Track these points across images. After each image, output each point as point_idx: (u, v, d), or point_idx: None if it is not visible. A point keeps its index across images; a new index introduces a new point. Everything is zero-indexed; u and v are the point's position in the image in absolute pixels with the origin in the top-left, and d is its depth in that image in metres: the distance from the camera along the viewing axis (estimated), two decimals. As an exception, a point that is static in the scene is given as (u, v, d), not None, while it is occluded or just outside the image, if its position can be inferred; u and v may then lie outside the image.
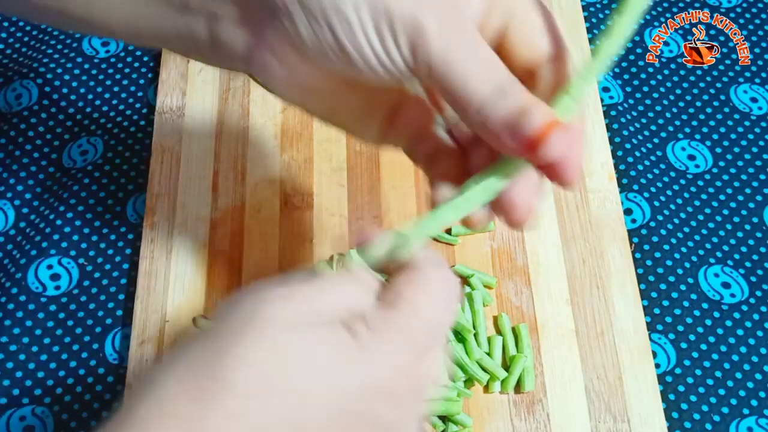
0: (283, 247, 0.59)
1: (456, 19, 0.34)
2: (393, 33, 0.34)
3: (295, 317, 0.31)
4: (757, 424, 0.54)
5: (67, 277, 0.59)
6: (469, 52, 0.34)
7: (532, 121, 0.33)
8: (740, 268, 0.60)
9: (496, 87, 0.34)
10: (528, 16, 0.36)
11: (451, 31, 0.34)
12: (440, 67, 0.34)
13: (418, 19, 0.33)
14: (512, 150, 0.34)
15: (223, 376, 0.29)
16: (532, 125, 0.33)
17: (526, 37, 0.36)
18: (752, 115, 0.67)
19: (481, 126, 0.34)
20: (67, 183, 0.63)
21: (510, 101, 0.33)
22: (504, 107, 0.33)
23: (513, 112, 0.33)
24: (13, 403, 0.55)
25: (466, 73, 0.33)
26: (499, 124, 0.33)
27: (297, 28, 0.35)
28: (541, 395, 0.54)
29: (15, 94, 0.67)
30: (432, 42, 0.33)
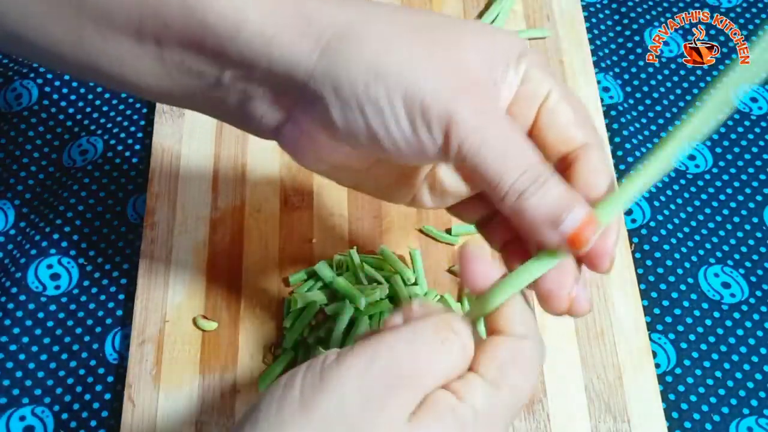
0: (283, 247, 0.59)
1: (490, 108, 0.35)
2: (427, 124, 0.34)
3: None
4: (757, 424, 0.54)
5: (67, 277, 0.59)
6: (503, 141, 0.34)
7: (572, 218, 0.33)
8: (740, 268, 0.60)
9: (533, 177, 0.34)
10: (558, 106, 0.36)
11: (485, 121, 0.34)
12: (473, 155, 0.34)
13: (452, 110, 0.34)
14: (548, 242, 0.34)
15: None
16: (573, 222, 0.33)
17: (557, 128, 0.36)
18: (752, 115, 0.67)
19: (517, 215, 0.34)
20: (67, 183, 0.63)
21: (549, 194, 0.33)
22: (543, 200, 0.33)
23: (552, 206, 0.33)
24: (13, 403, 0.55)
25: (500, 161, 0.34)
26: (538, 216, 0.34)
27: (330, 114, 0.35)
28: (541, 395, 0.54)
29: (15, 94, 0.67)
30: (466, 132, 0.34)
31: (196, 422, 0.53)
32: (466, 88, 0.34)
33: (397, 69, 0.34)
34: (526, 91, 0.36)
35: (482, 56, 0.35)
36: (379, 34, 0.35)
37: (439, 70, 0.34)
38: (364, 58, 0.34)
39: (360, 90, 0.34)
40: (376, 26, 0.35)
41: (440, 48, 0.35)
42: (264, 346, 0.56)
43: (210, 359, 0.55)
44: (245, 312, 0.57)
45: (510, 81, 0.36)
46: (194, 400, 0.54)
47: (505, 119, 0.35)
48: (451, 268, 0.58)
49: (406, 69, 0.34)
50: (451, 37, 0.36)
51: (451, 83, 0.34)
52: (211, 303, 0.57)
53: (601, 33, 0.71)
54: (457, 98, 0.34)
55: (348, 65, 0.34)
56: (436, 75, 0.34)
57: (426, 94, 0.34)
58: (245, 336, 0.56)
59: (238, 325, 0.56)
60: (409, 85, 0.34)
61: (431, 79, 0.34)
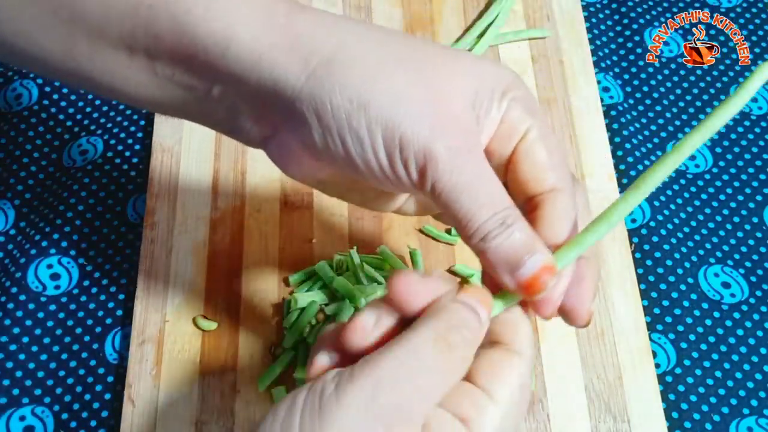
0: (283, 247, 0.59)
1: (466, 148, 0.35)
2: (404, 159, 0.35)
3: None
4: (757, 424, 0.54)
5: (67, 277, 0.59)
6: (476, 181, 0.35)
7: (530, 265, 0.34)
8: (740, 268, 0.60)
9: (499, 219, 0.34)
10: (534, 146, 0.37)
11: (460, 162, 0.34)
12: (446, 194, 0.34)
13: (430, 148, 0.34)
14: (505, 285, 0.35)
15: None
16: (530, 270, 0.34)
17: (529, 168, 0.37)
18: (752, 115, 0.67)
19: (480, 254, 0.35)
20: (67, 183, 0.63)
21: (511, 237, 0.34)
22: (504, 242, 0.34)
23: (512, 250, 0.34)
24: (13, 403, 0.55)
25: (471, 202, 0.34)
26: (498, 258, 0.34)
27: (311, 136, 0.36)
28: (541, 395, 0.54)
29: (15, 94, 0.67)
30: (441, 172, 0.34)
31: (196, 422, 0.53)
32: (446, 125, 0.35)
33: (379, 101, 0.34)
34: (506, 127, 0.37)
35: (467, 92, 0.36)
36: (365, 63, 0.35)
37: (421, 105, 0.35)
38: (348, 86, 0.35)
39: (342, 119, 0.35)
40: (364, 54, 0.35)
41: (425, 81, 0.35)
42: (264, 346, 0.56)
43: (210, 359, 0.55)
44: (245, 312, 0.57)
45: (492, 116, 0.37)
46: (194, 400, 0.54)
47: (479, 161, 0.35)
48: (451, 268, 0.58)
49: (389, 102, 0.35)
50: (437, 70, 0.36)
51: (431, 120, 0.35)
52: (211, 303, 0.57)
53: (601, 33, 0.71)
54: (435, 137, 0.34)
55: (332, 92, 0.35)
56: (417, 110, 0.35)
57: (405, 129, 0.34)
58: (245, 336, 0.56)
59: (238, 325, 0.56)
60: (389, 118, 0.34)
61: (412, 114, 0.34)
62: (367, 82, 0.35)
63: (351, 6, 0.69)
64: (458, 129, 0.35)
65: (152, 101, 0.39)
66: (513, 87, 0.37)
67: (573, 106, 0.65)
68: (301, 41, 0.35)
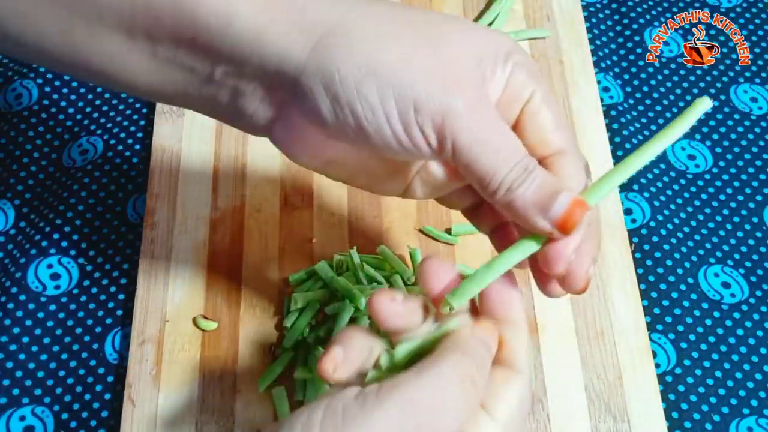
0: (283, 247, 0.59)
1: (481, 105, 0.35)
2: (419, 123, 0.34)
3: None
4: (757, 424, 0.54)
5: (67, 277, 0.59)
6: (494, 135, 0.35)
7: (560, 203, 0.34)
8: (740, 268, 0.60)
9: (521, 167, 0.34)
10: (540, 110, 0.37)
11: (478, 115, 0.34)
12: (468, 150, 0.34)
13: (445, 109, 0.34)
14: (540, 228, 0.35)
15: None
16: (561, 206, 0.34)
17: (536, 131, 0.37)
18: (752, 115, 0.67)
19: (507, 205, 0.35)
20: (67, 182, 0.63)
21: (536, 182, 0.34)
22: (531, 188, 0.34)
23: (540, 193, 0.34)
24: (13, 402, 0.55)
25: (493, 155, 0.34)
26: (528, 204, 0.34)
27: (320, 111, 0.35)
28: (541, 395, 0.54)
29: (15, 94, 0.67)
30: (459, 129, 0.34)
31: (196, 422, 0.53)
32: (458, 85, 0.34)
33: (389, 67, 0.34)
34: (511, 91, 0.37)
35: (472, 53, 0.36)
36: (371, 31, 0.35)
37: (431, 68, 0.34)
38: (356, 55, 0.34)
39: (351, 87, 0.34)
40: (369, 23, 0.35)
41: (431, 45, 0.35)
42: (264, 346, 0.56)
43: (210, 359, 0.55)
44: (245, 312, 0.57)
45: (497, 79, 0.36)
46: (194, 400, 0.54)
47: (495, 115, 0.35)
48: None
49: (399, 68, 0.34)
50: (442, 34, 0.36)
51: (442, 81, 0.34)
52: (211, 303, 0.57)
53: (601, 33, 0.71)
54: (449, 96, 0.34)
55: (340, 62, 0.34)
56: (427, 74, 0.34)
57: (419, 93, 0.34)
58: (245, 336, 0.56)
59: (238, 325, 0.56)
60: (401, 83, 0.34)
61: (423, 77, 0.34)
62: (374, 48, 0.34)
63: (351, 6, 0.69)
64: (470, 87, 0.35)
65: (152, 87, 0.38)
66: (515, 52, 0.37)
67: (573, 106, 0.65)
68: (303, 14, 0.35)
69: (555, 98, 0.38)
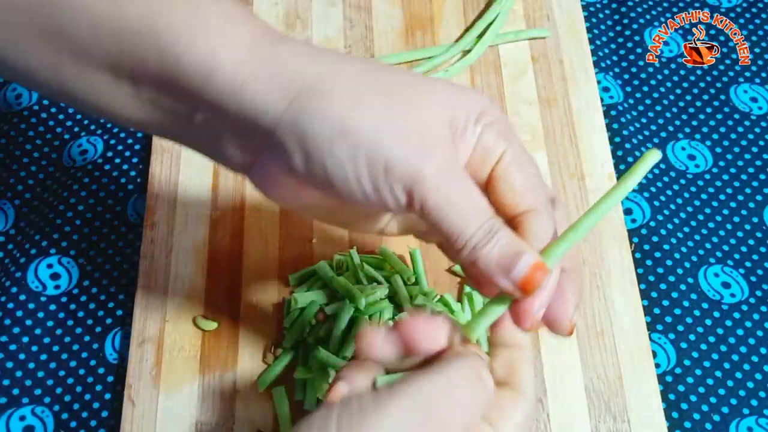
0: (283, 247, 0.59)
1: (451, 166, 0.36)
2: (389, 184, 0.36)
3: None
4: (757, 424, 0.54)
5: (67, 277, 0.59)
6: (461, 198, 0.36)
7: (522, 264, 0.35)
8: (740, 268, 0.60)
9: (486, 228, 0.36)
10: (509, 170, 0.38)
11: (446, 179, 0.36)
12: (436, 211, 0.36)
13: (415, 172, 0.35)
14: (503, 288, 0.36)
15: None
16: (523, 268, 0.35)
17: (505, 192, 0.38)
18: (752, 115, 0.67)
19: (472, 264, 0.36)
20: (67, 183, 0.63)
21: (500, 242, 0.36)
22: (494, 248, 0.36)
23: (503, 253, 0.36)
24: (13, 402, 0.55)
25: (459, 217, 0.36)
26: (491, 263, 0.36)
27: (292, 162, 0.36)
28: (541, 395, 0.54)
29: (15, 94, 0.67)
30: (428, 191, 0.35)
31: (196, 422, 0.53)
32: (427, 149, 0.36)
33: (361, 127, 0.35)
34: (481, 151, 0.38)
35: (443, 115, 0.37)
36: (346, 92, 0.36)
37: (402, 131, 0.36)
38: (329, 115, 0.35)
39: (324, 146, 0.35)
40: (345, 84, 0.36)
41: (404, 108, 0.36)
42: (264, 346, 0.56)
43: (210, 359, 0.55)
44: (245, 312, 0.57)
45: (468, 140, 0.38)
46: (194, 400, 0.54)
47: (462, 177, 0.37)
48: (451, 267, 0.58)
49: (370, 129, 0.35)
50: (414, 97, 0.37)
51: (412, 145, 0.35)
52: (211, 303, 0.57)
53: (601, 33, 0.71)
54: (419, 161, 0.35)
55: (314, 121, 0.35)
56: (398, 137, 0.35)
57: (389, 155, 0.35)
58: (245, 336, 0.56)
59: (238, 325, 0.56)
60: (372, 145, 0.35)
61: (394, 141, 0.35)
62: (347, 109, 0.35)
63: (351, 6, 0.69)
64: (440, 151, 0.36)
65: (137, 122, 0.40)
66: (487, 112, 0.38)
67: (573, 106, 0.65)
68: (281, 71, 0.36)
69: (528, 156, 0.39)
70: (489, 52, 0.67)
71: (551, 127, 0.64)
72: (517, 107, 0.65)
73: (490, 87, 0.66)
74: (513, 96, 0.65)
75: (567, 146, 0.63)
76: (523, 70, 0.66)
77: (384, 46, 0.68)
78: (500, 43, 0.68)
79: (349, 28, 0.68)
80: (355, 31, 0.68)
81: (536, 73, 0.66)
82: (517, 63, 0.67)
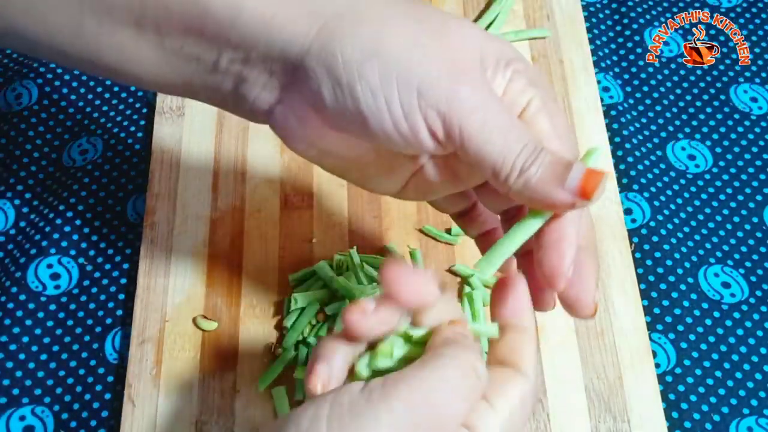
0: (283, 247, 0.59)
1: (488, 89, 0.35)
2: (423, 108, 0.34)
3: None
4: (757, 424, 0.54)
5: (67, 277, 0.59)
6: (502, 119, 0.34)
7: (576, 171, 0.34)
8: (740, 268, 0.60)
9: (531, 148, 0.34)
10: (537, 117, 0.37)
11: (485, 100, 0.34)
12: (476, 136, 0.34)
13: (451, 93, 0.34)
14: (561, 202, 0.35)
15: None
16: (578, 174, 0.34)
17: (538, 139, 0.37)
18: (752, 115, 0.67)
19: (523, 186, 0.35)
20: (67, 182, 0.63)
21: (547, 158, 0.34)
22: (544, 162, 0.34)
23: (554, 166, 0.34)
24: (13, 402, 0.55)
25: (501, 138, 0.34)
26: (544, 179, 0.34)
27: (321, 93, 0.35)
28: (541, 395, 0.54)
29: (15, 94, 0.67)
30: (467, 112, 0.34)
31: (196, 422, 0.53)
32: (462, 73, 0.35)
33: (392, 49, 0.34)
34: (509, 97, 0.37)
35: (474, 52, 0.36)
36: (377, 16, 0.35)
37: (435, 55, 0.34)
38: (360, 38, 0.34)
39: (353, 69, 0.34)
40: (375, 9, 0.35)
41: (436, 36, 0.35)
42: (264, 346, 0.56)
43: (210, 359, 0.55)
44: (245, 312, 0.57)
45: (497, 83, 0.36)
46: (194, 400, 0.54)
47: (499, 100, 0.35)
48: (451, 267, 0.58)
49: (403, 51, 0.34)
50: (446, 28, 0.36)
51: (447, 68, 0.34)
52: (211, 303, 0.57)
53: (601, 33, 0.71)
54: (456, 80, 0.34)
55: (344, 44, 0.34)
56: (432, 59, 0.34)
57: (423, 76, 0.34)
58: (245, 336, 0.56)
59: (238, 325, 0.56)
60: (404, 67, 0.34)
61: (428, 63, 0.34)
62: (378, 32, 0.34)
63: (351, 6, 0.69)
64: (473, 76, 0.35)
65: (159, 79, 0.39)
66: (515, 60, 0.37)
67: (573, 106, 0.65)
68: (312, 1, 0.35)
69: (558, 106, 0.38)
70: (489, 52, 0.67)
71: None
72: (517, 107, 0.65)
73: (490, 87, 0.66)
74: (513, 96, 0.65)
75: (567, 146, 0.63)
76: (523, 70, 0.66)
77: (384, 46, 0.67)
78: (500, 43, 0.68)
79: (349, 28, 0.68)
80: (355, 31, 0.68)
81: (536, 73, 0.66)
82: (517, 63, 0.67)
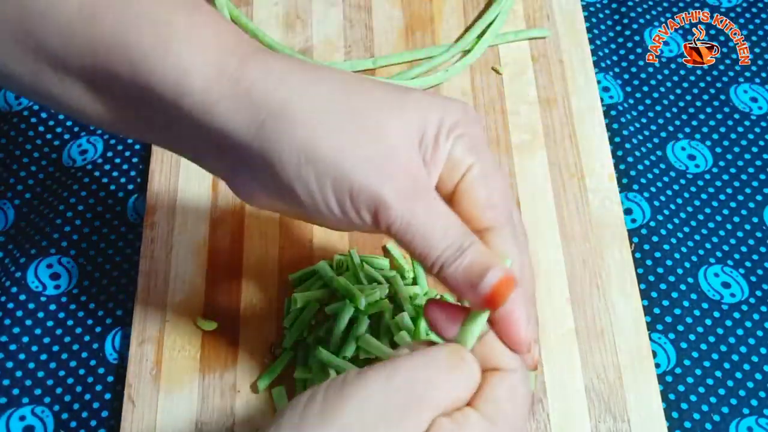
0: (283, 247, 0.59)
1: (414, 189, 0.37)
2: (356, 208, 0.37)
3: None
4: (757, 424, 0.54)
5: (67, 277, 0.59)
6: (427, 221, 0.36)
7: (488, 278, 0.35)
8: (740, 268, 0.60)
9: (456, 247, 0.36)
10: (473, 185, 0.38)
11: (411, 203, 0.36)
12: (401, 234, 0.37)
13: (379, 197, 0.36)
14: (473, 302, 0.37)
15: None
16: (489, 282, 0.35)
17: (468, 206, 0.38)
18: (752, 115, 0.67)
19: (442, 281, 0.37)
20: (67, 182, 0.63)
21: (467, 260, 0.36)
22: (460, 265, 0.36)
23: (469, 270, 0.36)
24: (13, 402, 0.55)
25: (424, 240, 0.36)
26: (458, 280, 0.36)
27: (264, 181, 0.38)
28: (541, 395, 0.54)
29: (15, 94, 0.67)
30: (393, 216, 0.36)
31: (196, 422, 0.53)
32: (394, 171, 0.36)
33: (326, 155, 0.36)
34: (451, 164, 0.38)
35: (413, 135, 0.37)
36: (310, 118, 0.36)
37: (368, 154, 0.36)
38: (295, 142, 0.36)
39: (291, 171, 0.36)
40: (309, 109, 0.37)
41: (370, 130, 0.37)
42: (264, 346, 0.56)
43: (210, 359, 0.55)
44: (245, 312, 0.57)
45: (440, 155, 0.38)
46: (194, 400, 0.54)
47: (429, 199, 0.37)
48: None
49: (335, 156, 0.36)
50: (382, 117, 0.37)
51: (378, 167, 0.36)
52: (211, 303, 0.57)
53: (601, 33, 0.71)
54: (384, 184, 0.36)
55: (281, 147, 0.36)
56: (364, 160, 0.36)
57: (354, 180, 0.36)
58: (245, 336, 0.56)
59: (238, 325, 0.56)
60: (338, 171, 0.36)
61: (360, 164, 0.36)
62: (313, 137, 0.36)
63: (351, 6, 0.69)
64: (406, 172, 0.37)
65: (119, 129, 0.41)
66: (460, 124, 0.38)
67: (573, 106, 0.65)
68: (250, 95, 0.36)
69: (499, 171, 0.39)
70: (489, 52, 0.67)
71: (551, 127, 0.64)
72: (517, 107, 0.65)
73: (490, 87, 0.66)
74: (513, 96, 0.65)
75: (567, 146, 0.63)
76: (522, 70, 0.66)
77: (384, 46, 0.68)
78: (500, 43, 0.68)
79: (349, 28, 0.68)
80: (355, 31, 0.68)
81: (536, 73, 0.66)
82: (517, 63, 0.67)
